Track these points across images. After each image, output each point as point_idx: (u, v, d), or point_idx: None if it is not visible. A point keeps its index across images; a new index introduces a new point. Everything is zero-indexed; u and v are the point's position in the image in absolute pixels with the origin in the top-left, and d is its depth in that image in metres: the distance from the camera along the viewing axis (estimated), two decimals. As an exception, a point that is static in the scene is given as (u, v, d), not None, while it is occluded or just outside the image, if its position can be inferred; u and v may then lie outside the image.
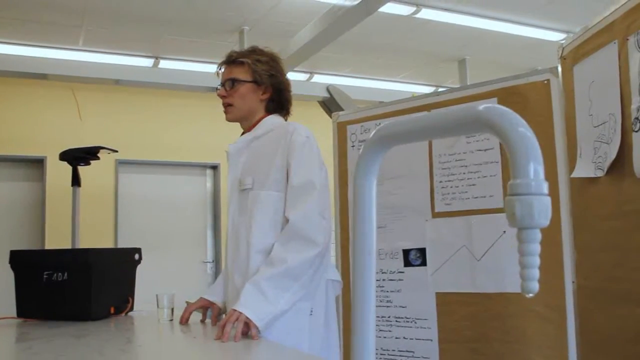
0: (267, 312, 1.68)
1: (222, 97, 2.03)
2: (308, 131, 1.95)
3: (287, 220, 1.83)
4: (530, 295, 0.53)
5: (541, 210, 0.54)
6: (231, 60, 2.05)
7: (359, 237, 0.67)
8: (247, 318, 1.64)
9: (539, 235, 0.54)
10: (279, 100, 2.05)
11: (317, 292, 1.88)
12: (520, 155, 0.53)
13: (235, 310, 1.66)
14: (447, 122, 0.60)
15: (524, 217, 0.54)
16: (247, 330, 1.64)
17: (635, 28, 1.67)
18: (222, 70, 2.08)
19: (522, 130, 0.54)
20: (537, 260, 0.54)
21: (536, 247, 0.54)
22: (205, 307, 2.10)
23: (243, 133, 2.09)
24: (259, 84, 2.01)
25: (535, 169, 0.53)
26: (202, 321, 2.12)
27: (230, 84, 2.01)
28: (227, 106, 2.04)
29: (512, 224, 0.55)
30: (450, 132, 0.62)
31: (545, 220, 0.54)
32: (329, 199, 1.92)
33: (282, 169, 1.89)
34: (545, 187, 0.54)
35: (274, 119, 2.05)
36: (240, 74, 2.01)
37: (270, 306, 1.70)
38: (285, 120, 2.10)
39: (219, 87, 2.06)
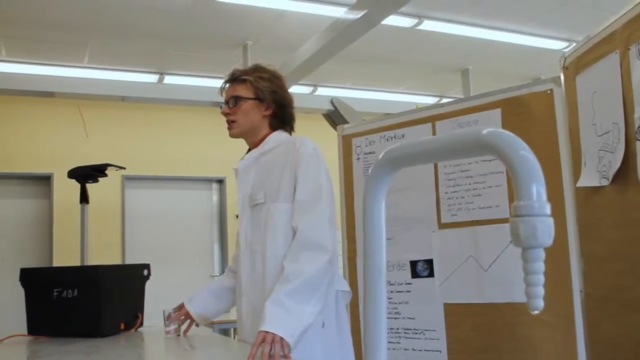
0: (295, 327, 1.67)
1: (226, 114, 2.07)
2: (314, 143, 1.99)
3: (294, 231, 1.84)
4: (536, 312, 0.55)
5: (544, 230, 0.56)
6: (234, 78, 2.08)
7: (370, 255, 0.69)
8: (279, 337, 1.61)
9: (542, 255, 0.56)
10: (282, 116, 2.08)
11: (327, 304, 1.89)
12: (523, 177, 0.55)
13: (264, 331, 1.62)
14: (452, 145, 0.62)
15: (528, 238, 0.56)
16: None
17: (636, 38, 1.69)
18: (226, 88, 2.12)
19: (524, 153, 0.56)
20: (541, 279, 0.55)
21: (540, 266, 0.56)
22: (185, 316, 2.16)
23: (249, 150, 2.12)
24: (262, 100, 2.04)
25: (537, 191, 0.55)
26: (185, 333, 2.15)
27: (233, 101, 2.05)
28: (230, 122, 2.07)
29: (516, 244, 0.57)
30: (455, 155, 0.64)
31: (548, 240, 0.56)
32: (335, 208, 1.94)
33: (291, 181, 1.92)
34: (547, 209, 0.56)
35: (280, 135, 2.08)
36: (243, 91, 2.05)
37: (296, 321, 1.68)
38: (291, 135, 2.14)
39: (222, 105, 2.09)
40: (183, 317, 2.17)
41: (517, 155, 0.56)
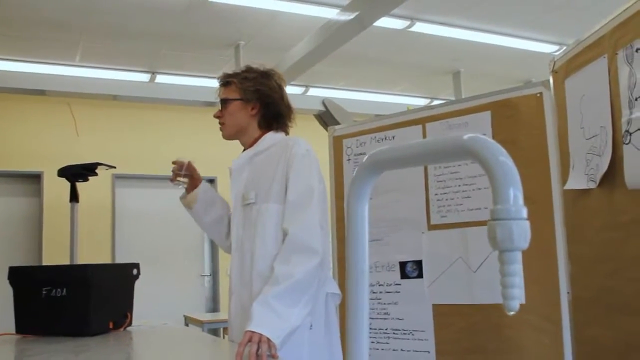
0: (282, 328, 1.68)
1: (217, 117, 2.12)
2: (308, 145, 1.99)
3: (285, 233, 1.85)
4: (512, 312, 0.56)
5: (520, 233, 0.57)
6: (222, 82, 2.14)
7: (352, 257, 0.70)
8: (265, 337, 1.62)
9: (519, 257, 0.58)
10: (269, 115, 2.09)
11: (316, 306, 1.89)
12: (500, 182, 0.57)
13: (251, 331, 1.63)
14: (434, 150, 0.63)
15: (504, 241, 0.58)
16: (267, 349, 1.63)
17: (624, 43, 1.71)
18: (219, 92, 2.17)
19: (502, 159, 0.57)
20: (517, 281, 0.57)
21: (516, 268, 0.57)
22: (194, 184, 2.23)
23: (244, 150, 2.13)
24: (247, 100, 2.06)
25: (514, 195, 0.57)
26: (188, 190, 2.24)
27: (222, 104, 2.10)
28: (221, 125, 2.12)
29: (493, 247, 0.58)
30: (438, 160, 0.66)
31: (524, 243, 0.57)
32: (327, 211, 1.95)
33: (282, 182, 1.93)
34: (524, 212, 0.57)
35: (275, 135, 2.09)
36: (230, 93, 2.09)
37: (283, 322, 1.69)
38: (287, 135, 2.15)
39: None
40: (189, 178, 2.24)
41: (496, 161, 0.57)
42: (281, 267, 1.78)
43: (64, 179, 3.56)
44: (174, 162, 2.22)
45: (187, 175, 2.22)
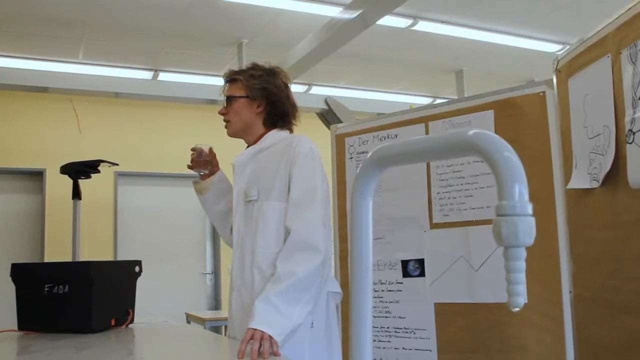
0: (284, 326, 1.67)
1: (222, 114, 2.12)
2: (312, 143, 1.99)
3: (288, 231, 1.85)
4: (516, 309, 0.56)
5: (525, 230, 0.57)
6: (228, 79, 2.13)
7: (356, 254, 0.70)
8: (267, 335, 1.61)
9: (523, 254, 0.58)
10: (274, 113, 2.09)
11: (317, 305, 1.89)
12: (505, 178, 0.57)
13: (253, 329, 1.63)
14: (439, 146, 0.63)
15: (509, 237, 0.57)
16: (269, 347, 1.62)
17: (628, 42, 1.70)
18: (225, 89, 2.16)
19: (508, 155, 0.57)
20: (522, 277, 0.57)
21: (521, 265, 0.57)
22: (212, 171, 2.25)
23: (247, 147, 2.13)
24: (252, 98, 2.06)
25: (520, 191, 0.56)
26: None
27: (227, 101, 2.10)
28: (226, 122, 2.12)
29: (498, 243, 0.58)
30: (442, 156, 0.66)
31: (529, 239, 0.57)
32: (330, 210, 1.95)
33: (285, 180, 1.93)
34: (529, 209, 0.57)
35: (279, 133, 2.09)
36: (235, 90, 2.09)
37: (285, 320, 1.69)
38: (291, 133, 2.14)
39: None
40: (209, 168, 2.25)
41: (501, 157, 0.57)
42: (284, 265, 1.78)
43: (66, 176, 3.56)
44: (192, 149, 2.23)
45: (207, 161, 2.23)
